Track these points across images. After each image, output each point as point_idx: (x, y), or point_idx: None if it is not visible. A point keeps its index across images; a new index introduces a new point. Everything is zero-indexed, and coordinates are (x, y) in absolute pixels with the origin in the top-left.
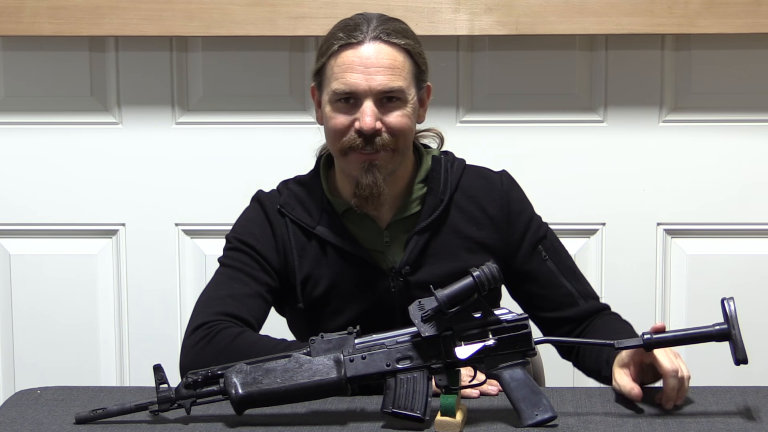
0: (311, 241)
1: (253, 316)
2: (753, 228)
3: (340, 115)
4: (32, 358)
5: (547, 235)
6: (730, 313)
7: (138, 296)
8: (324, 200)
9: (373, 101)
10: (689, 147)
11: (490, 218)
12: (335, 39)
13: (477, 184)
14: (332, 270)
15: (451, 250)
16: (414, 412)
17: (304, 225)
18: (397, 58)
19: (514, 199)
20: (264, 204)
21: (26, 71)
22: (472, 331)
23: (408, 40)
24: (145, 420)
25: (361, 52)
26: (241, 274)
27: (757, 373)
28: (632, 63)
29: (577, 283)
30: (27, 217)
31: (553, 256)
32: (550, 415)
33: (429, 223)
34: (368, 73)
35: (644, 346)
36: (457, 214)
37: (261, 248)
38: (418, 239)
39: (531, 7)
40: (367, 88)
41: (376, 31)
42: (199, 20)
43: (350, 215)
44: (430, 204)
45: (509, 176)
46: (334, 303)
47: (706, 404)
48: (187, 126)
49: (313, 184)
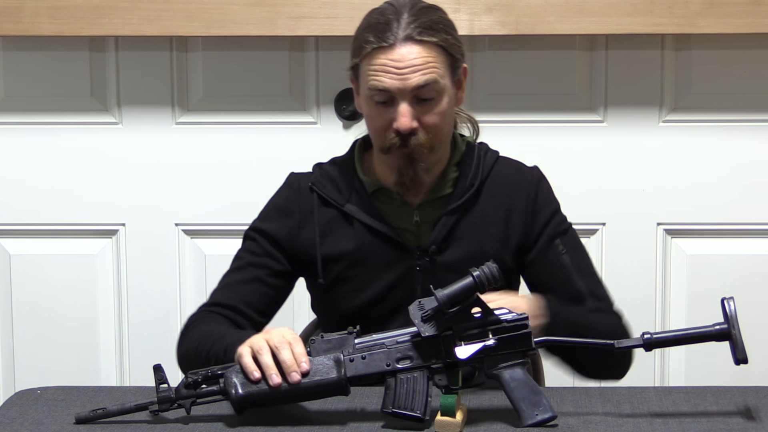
0: (340, 218)
1: (244, 302)
2: (753, 228)
3: (378, 116)
4: (32, 358)
5: (568, 231)
6: (730, 313)
7: (138, 296)
8: (356, 179)
9: (409, 101)
10: (689, 147)
11: (517, 207)
12: (366, 42)
13: (508, 173)
14: (358, 247)
15: (477, 233)
16: (414, 412)
17: (333, 202)
18: (430, 54)
19: (542, 190)
20: (291, 184)
21: (26, 71)
22: (472, 331)
23: (440, 35)
24: (145, 420)
25: (394, 54)
26: (241, 261)
27: (757, 373)
28: (632, 63)
29: (590, 283)
30: (27, 217)
31: (570, 251)
32: (550, 415)
33: (459, 205)
34: (401, 74)
35: (644, 346)
36: (487, 200)
37: (272, 230)
38: (448, 219)
39: (531, 7)
40: (402, 87)
41: (408, 29)
42: (199, 20)
43: (381, 195)
44: (461, 187)
45: (540, 171)
46: (356, 280)
47: (706, 404)
48: (187, 126)
49: (346, 165)
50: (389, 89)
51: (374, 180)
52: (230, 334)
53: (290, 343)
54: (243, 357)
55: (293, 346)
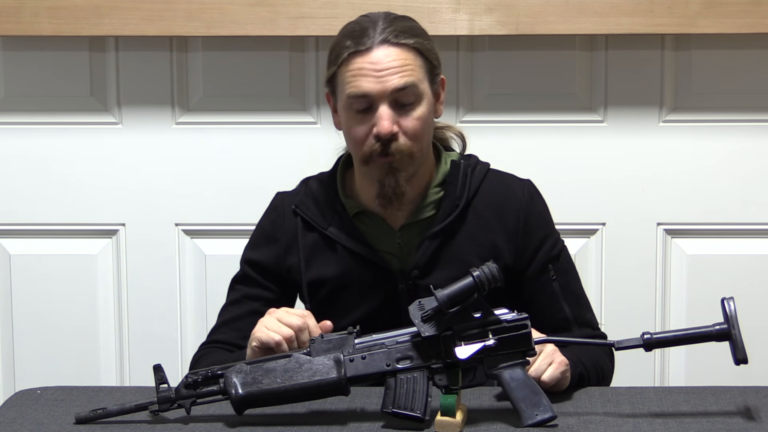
0: (323, 241)
1: (244, 337)
2: (753, 228)
3: (358, 125)
4: (32, 358)
5: (560, 256)
6: (730, 313)
7: (138, 296)
8: (337, 201)
9: (389, 104)
10: (689, 147)
11: (507, 227)
12: (343, 48)
13: (498, 190)
14: (341, 271)
15: (464, 256)
16: (414, 412)
17: (317, 226)
18: (408, 57)
19: (533, 212)
20: (276, 207)
21: (26, 71)
22: (472, 331)
23: (417, 38)
24: (145, 420)
25: (371, 57)
26: (237, 294)
27: (757, 373)
28: (632, 63)
29: (577, 308)
30: (27, 217)
31: (560, 277)
32: (550, 415)
33: (442, 228)
34: (380, 76)
35: (644, 346)
36: (475, 220)
37: (262, 259)
38: (430, 243)
39: (531, 7)
40: (381, 90)
41: (384, 33)
42: (199, 20)
43: (363, 217)
44: (445, 209)
45: (533, 187)
46: (341, 303)
47: (706, 404)
48: (187, 126)
49: (330, 184)
50: (369, 93)
51: (356, 201)
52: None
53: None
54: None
55: (307, 318)
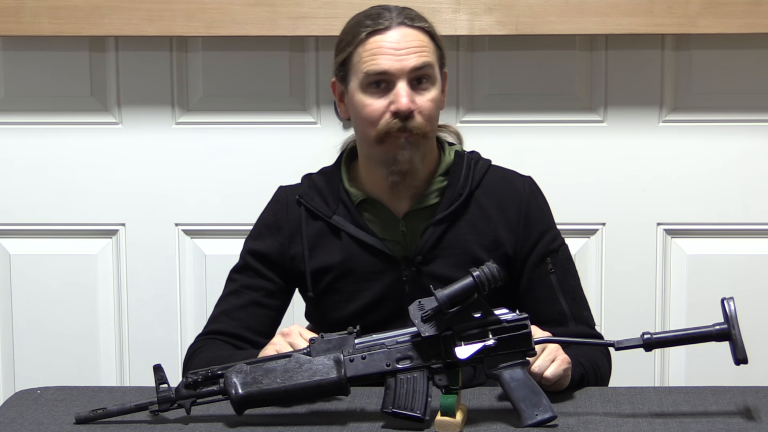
0: (327, 229)
1: (245, 327)
2: (753, 228)
3: (374, 101)
4: (32, 359)
5: (559, 250)
6: (730, 313)
7: (138, 296)
8: (342, 190)
9: (406, 82)
10: (689, 147)
11: (508, 219)
12: (362, 27)
13: (499, 184)
14: (345, 258)
15: (466, 244)
16: (414, 412)
17: (321, 214)
18: (424, 39)
19: (534, 206)
20: (279, 199)
21: (26, 71)
22: (472, 331)
23: (430, 23)
24: (145, 420)
25: (390, 36)
26: (236, 285)
27: (757, 373)
28: (632, 63)
29: (573, 305)
30: (27, 217)
31: (558, 272)
32: (550, 415)
33: (446, 215)
34: (399, 55)
35: (644, 346)
36: (476, 210)
37: (264, 249)
38: (434, 230)
39: (531, 7)
40: (400, 68)
41: (400, 17)
42: (199, 20)
43: (367, 205)
44: (449, 197)
45: (533, 183)
46: (344, 291)
47: (706, 404)
48: (187, 126)
49: (333, 175)
50: (388, 70)
51: (361, 190)
52: (237, 355)
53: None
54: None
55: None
